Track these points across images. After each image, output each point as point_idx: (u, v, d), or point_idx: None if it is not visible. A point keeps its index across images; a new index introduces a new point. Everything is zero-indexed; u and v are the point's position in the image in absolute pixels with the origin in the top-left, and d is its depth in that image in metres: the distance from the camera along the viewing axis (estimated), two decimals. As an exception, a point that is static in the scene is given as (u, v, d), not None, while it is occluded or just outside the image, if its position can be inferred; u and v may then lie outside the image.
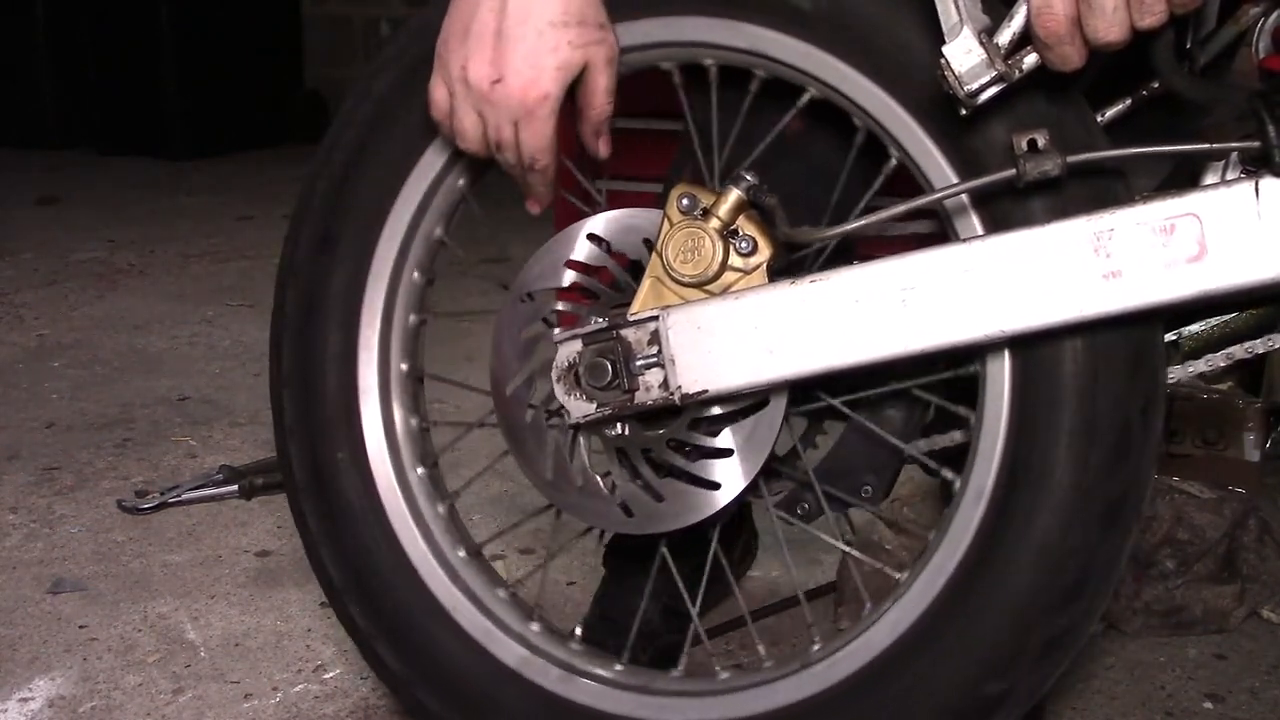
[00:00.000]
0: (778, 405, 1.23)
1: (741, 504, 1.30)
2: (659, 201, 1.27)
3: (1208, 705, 1.70)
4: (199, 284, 3.91)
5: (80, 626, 1.91)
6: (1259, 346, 1.22)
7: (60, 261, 4.14)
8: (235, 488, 2.27)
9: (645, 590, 1.45)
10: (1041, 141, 1.09)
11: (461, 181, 1.37)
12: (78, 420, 2.76)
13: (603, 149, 1.26)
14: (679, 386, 1.21)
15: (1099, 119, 1.25)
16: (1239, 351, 1.24)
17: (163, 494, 2.32)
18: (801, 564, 2.06)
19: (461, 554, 1.41)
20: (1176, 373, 1.24)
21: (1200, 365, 1.25)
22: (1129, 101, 1.25)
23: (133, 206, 4.99)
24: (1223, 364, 1.24)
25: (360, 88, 1.38)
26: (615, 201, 1.36)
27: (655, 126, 1.55)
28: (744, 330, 1.18)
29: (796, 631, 1.89)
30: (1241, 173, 1.10)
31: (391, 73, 1.36)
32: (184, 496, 2.31)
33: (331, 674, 1.78)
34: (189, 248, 4.35)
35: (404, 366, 1.41)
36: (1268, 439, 2.17)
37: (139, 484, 2.40)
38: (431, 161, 1.35)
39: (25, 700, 1.72)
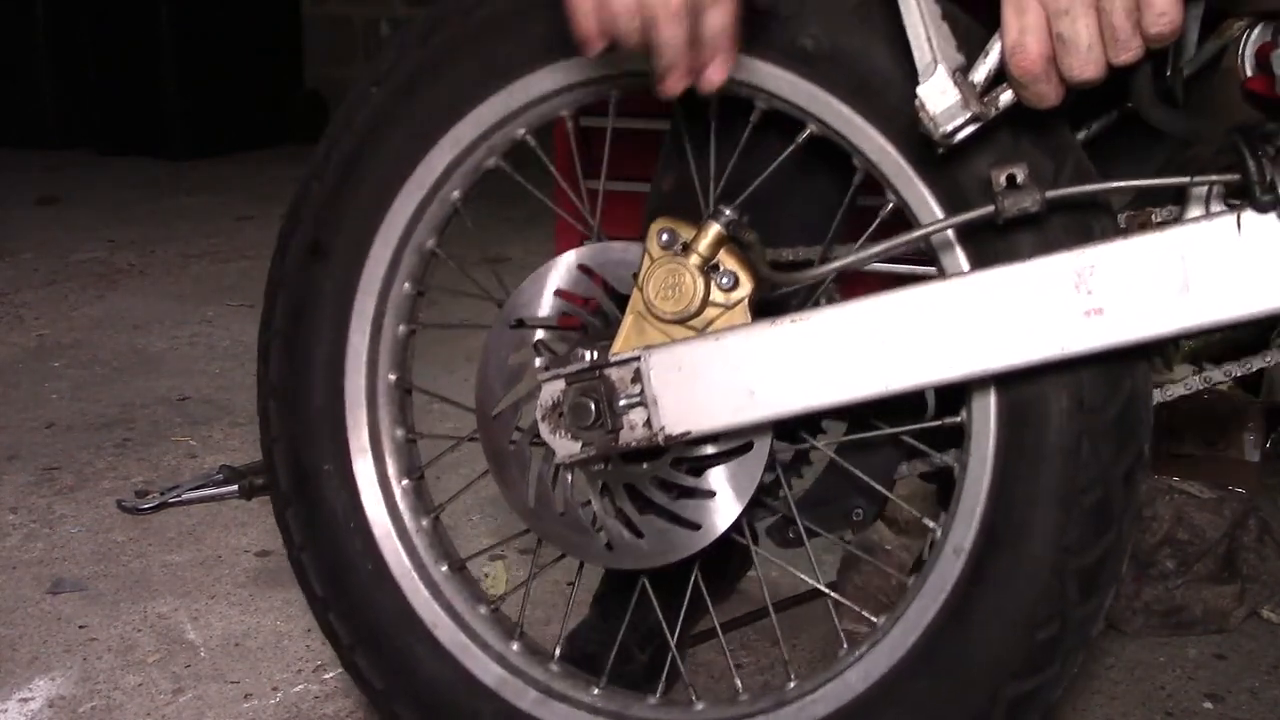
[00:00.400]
0: (761, 448, 1.24)
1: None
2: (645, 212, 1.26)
3: (1208, 705, 1.70)
4: (199, 284, 3.91)
5: (80, 626, 1.91)
6: (1256, 362, 1.22)
7: (60, 261, 4.14)
8: (235, 488, 2.27)
9: (641, 593, 1.44)
10: (1021, 176, 1.08)
11: (456, 194, 1.36)
12: (78, 420, 2.75)
13: None
14: (662, 428, 1.20)
15: (1084, 131, 1.25)
16: (1217, 375, 1.24)
17: (163, 494, 2.31)
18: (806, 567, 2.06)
19: (444, 569, 1.42)
20: (1175, 389, 1.24)
21: (1196, 382, 1.24)
22: (1114, 114, 1.24)
23: (133, 206, 4.99)
24: (1199, 386, 1.24)
25: (356, 94, 1.37)
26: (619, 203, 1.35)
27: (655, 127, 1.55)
28: (726, 371, 1.17)
29: (810, 627, 1.90)
30: (1224, 203, 1.09)
31: (388, 83, 1.35)
32: (184, 496, 2.31)
33: (331, 674, 1.78)
34: (189, 248, 4.35)
35: (392, 377, 1.41)
36: (1268, 439, 2.17)
37: (139, 484, 2.40)
38: (426, 173, 1.34)
39: (25, 700, 1.72)
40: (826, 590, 1.37)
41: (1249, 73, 1.12)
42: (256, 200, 4.95)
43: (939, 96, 1.05)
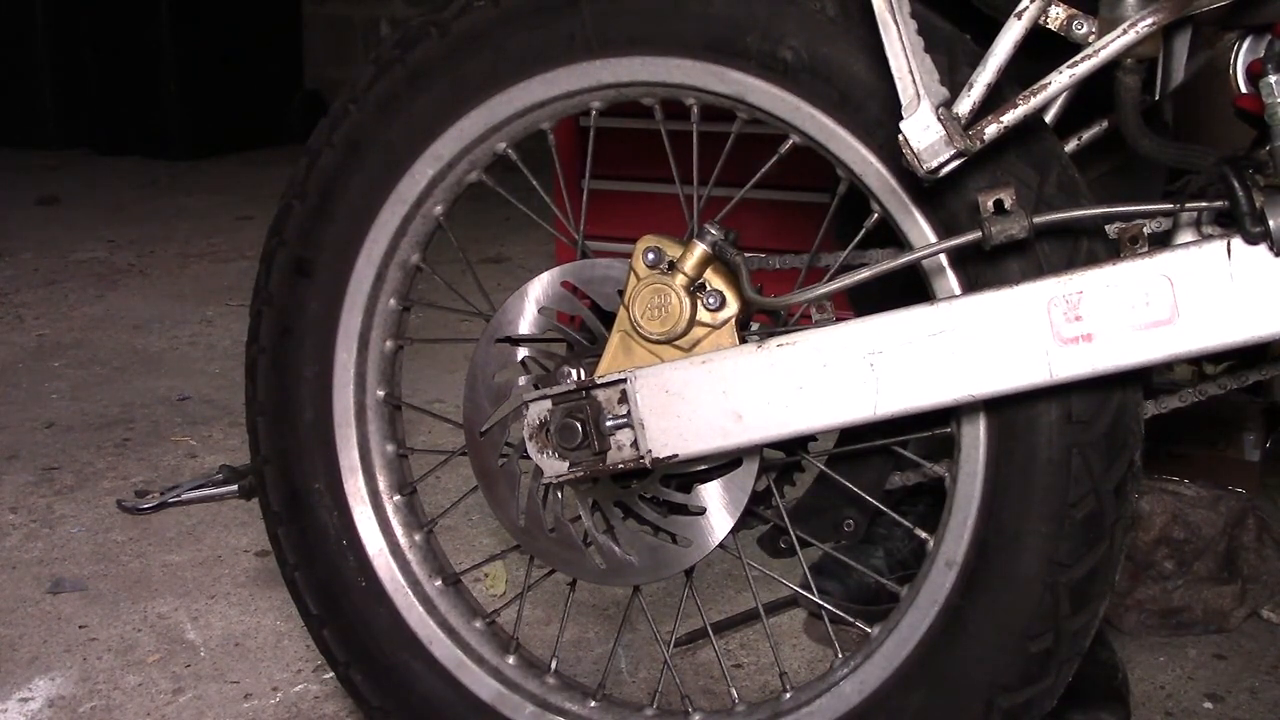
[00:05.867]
0: (750, 466, 1.24)
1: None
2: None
3: (1208, 705, 1.70)
4: (199, 284, 3.91)
5: (80, 626, 1.91)
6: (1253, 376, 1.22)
7: (60, 261, 4.14)
8: (235, 488, 2.26)
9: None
10: (1009, 202, 1.08)
11: (439, 209, 1.36)
12: (78, 420, 2.76)
13: None
14: (649, 450, 1.20)
15: (1076, 140, 1.24)
16: (1212, 389, 1.24)
17: (163, 494, 2.30)
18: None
19: (438, 583, 1.42)
20: (1170, 402, 1.24)
21: (1191, 395, 1.24)
22: (1104, 124, 1.24)
23: (133, 206, 4.99)
24: (1194, 399, 1.24)
25: (335, 111, 1.37)
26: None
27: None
28: (712, 394, 1.17)
29: (809, 627, 1.90)
30: (1215, 226, 1.09)
31: (366, 100, 1.34)
32: (184, 496, 2.29)
33: (331, 674, 1.77)
34: (189, 248, 4.35)
35: (380, 393, 1.41)
36: (1268, 439, 2.16)
37: (139, 484, 2.41)
38: (408, 189, 1.34)
39: (25, 700, 1.72)
40: (821, 602, 1.36)
41: (1241, 89, 1.11)
42: (256, 200, 4.95)
43: (923, 132, 1.05)
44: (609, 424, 1.21)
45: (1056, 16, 1.10)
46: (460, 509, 2.23)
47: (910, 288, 1.19)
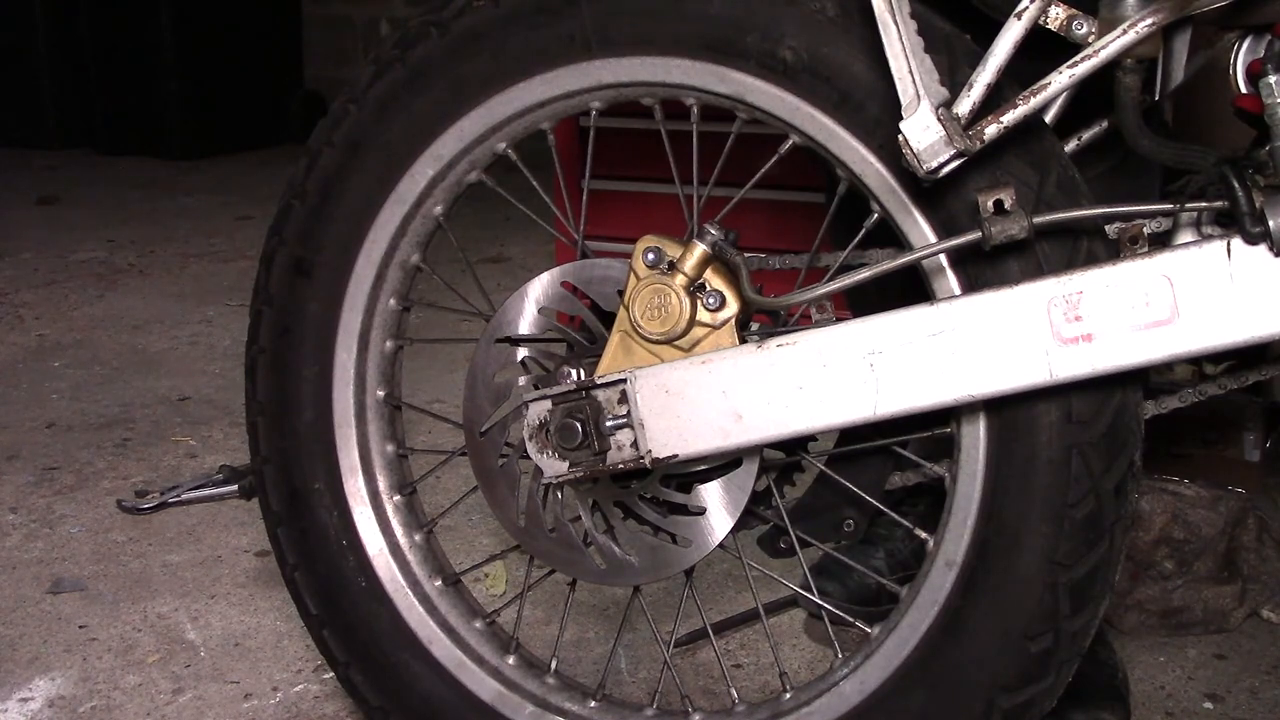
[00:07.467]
0: (750, 466, 1.24)
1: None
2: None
3: (1208, 705, 1.70)
4: (199, 284, 3.91)
5: (80, 626, 1.91)
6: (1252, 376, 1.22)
7: (60, 261, 4.14)
8: (235, 488, 2.26)
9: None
10: (1008, 202, 1.08)
11: (439, 209, 1.36)
12: (78, 420, 2.76)
13: None
14: (649, 450, 1.20)
15: (1076, 140, 1.24)
16: (1211, 389, 1.24)
17: (163, 494, 2.30)
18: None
19: (438, 583, 1.42)
20: (1170, 402, 1.24)
21: (1191, 395, 1.24)
22: (1104, 124, 1.24)
23: (133, 206, 4.99)
24: (1194, 400, 1.24)
25: (335, 111, 1.37)
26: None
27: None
28: (712, 394, 1.17)
29: (809, 627, 1.90)
30: (1215, 226, 1.09)
31: (366, 100, 1.34)
32: (184, 496, 2.29)
33: (331, 674, 1.77)
34: (189, 248, 4.35)
35: (380, 393, 1.41)
36: (1268, 439, 2.16)
37: (139, 484, 2.41)
38: (408, 189, 1.34)
39: (25, 700, 1.72)
40: (821, 602, 1.36)
41: (1241, 89, 1.11)
42: (256, 200, 4.95)
43: (922, 133, 1.05)
44: (609, 424, 1.21)
45: (1056, 16, 1.10)
46: (460, 509, 2.23)
47: (908, 289, 1.19)
